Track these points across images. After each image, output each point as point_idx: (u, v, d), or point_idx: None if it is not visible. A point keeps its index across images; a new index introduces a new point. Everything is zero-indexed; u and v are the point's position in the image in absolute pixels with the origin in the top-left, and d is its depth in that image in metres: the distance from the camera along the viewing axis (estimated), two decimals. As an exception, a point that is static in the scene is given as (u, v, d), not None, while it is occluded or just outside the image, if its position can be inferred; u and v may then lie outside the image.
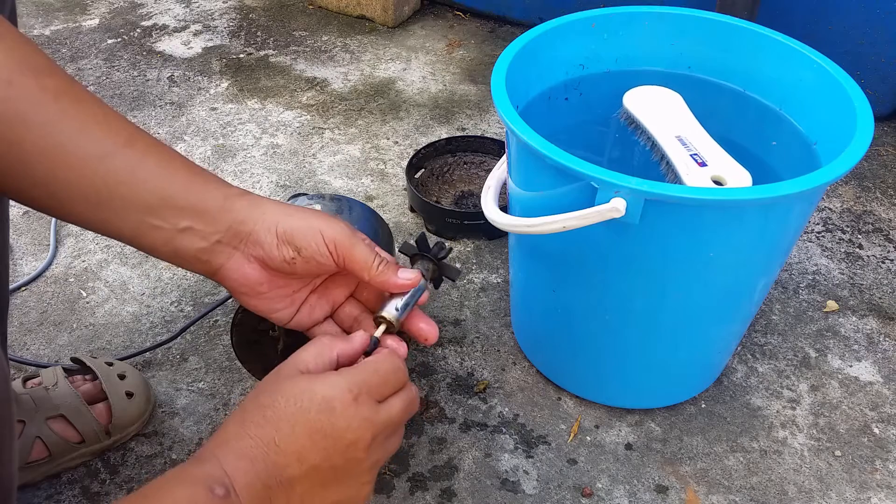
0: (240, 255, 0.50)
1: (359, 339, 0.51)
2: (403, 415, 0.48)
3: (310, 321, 0.55)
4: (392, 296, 0.54)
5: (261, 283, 0.51)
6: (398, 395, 0.48)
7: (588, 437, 0.78)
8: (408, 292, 0.54)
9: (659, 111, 0.72)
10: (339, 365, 0.49)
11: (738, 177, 0.65)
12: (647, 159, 0.71)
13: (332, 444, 0.44)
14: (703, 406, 0.81)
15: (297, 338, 0.71)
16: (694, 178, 0.64)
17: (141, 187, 0.47)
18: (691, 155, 0.66)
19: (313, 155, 1.15)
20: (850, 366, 0.85)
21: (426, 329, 0.55)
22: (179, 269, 0.95)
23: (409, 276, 0.53)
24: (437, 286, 0.59)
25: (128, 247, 0.99)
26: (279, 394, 0.45)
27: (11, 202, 1.04)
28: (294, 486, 0.44)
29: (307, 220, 0.50)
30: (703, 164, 0.66)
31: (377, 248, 0.53)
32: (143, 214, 0.47)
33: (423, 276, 0.55)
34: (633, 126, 0.72)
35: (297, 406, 0.44)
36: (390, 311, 0.54)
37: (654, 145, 0.69)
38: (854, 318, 0.90)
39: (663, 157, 0.68)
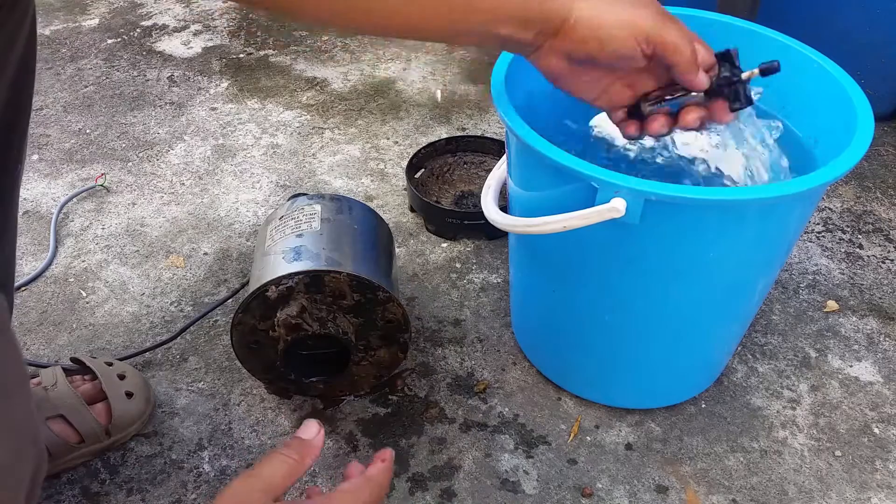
0: (548, 46, 0.54)
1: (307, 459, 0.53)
2: None
3: (609, 105, 0.60)
4: (673, 90, 0.57)
5: (563, 72, 0.56)
6: None
7: (588, 437, 0.77)
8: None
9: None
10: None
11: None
12: (647, 158, 0.71)
13: None
14: (704, 406, 0.81)
15: (298, 338, 0.72)
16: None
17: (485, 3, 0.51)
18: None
19: (313, 155, 1.15)
20: (851, 366, 0.85)
21: (688, 118, 0.58)
22: (179, 269, 0.96)
23: (702, 81, 0.55)
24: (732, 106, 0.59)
25: (127, 246, 0.99)
26: None
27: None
28: None
29: (617, 14, 0.53)
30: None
31: (693, 38, 0.55)
32: (485, 25, 0.52)
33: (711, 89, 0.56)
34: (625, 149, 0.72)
35: None
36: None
37: (672, 156, 0.69)
38: (854, 318, 0.90)
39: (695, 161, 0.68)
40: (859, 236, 1.02)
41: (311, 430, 0.52)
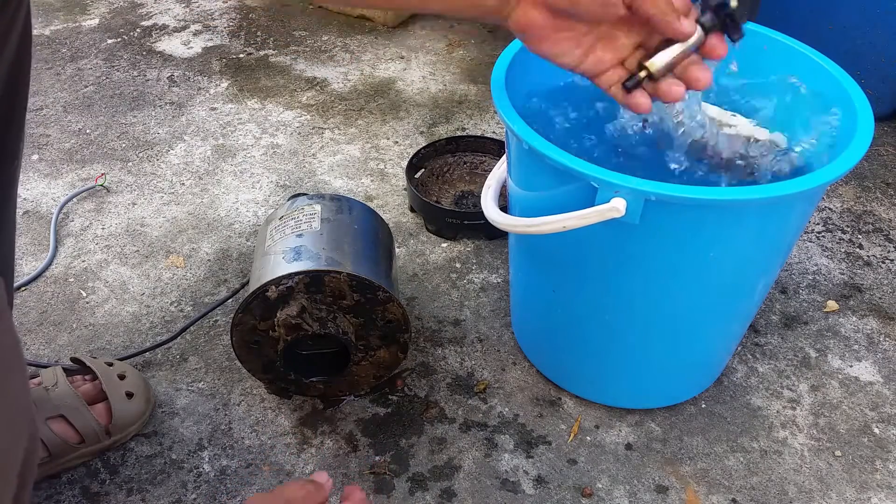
0: (525, 1, 0.54)
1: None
2: None
3: (594, 69, 0.58)
4: (667, 43, 0.55)
5: (544, 28, 0.55)
6: None
7: (588, 437, 0.77)
8: (683, 42, 0.54)
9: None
10: None
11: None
12: (648, 157, 0.71)
13: None
14: (704, 406, 0.81)
15: (298, 338, 0.72)
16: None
17: None
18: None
19: (313, 155, 1.15)
20: (851, 366, 0.85)
21: (699, 75, 0.56)
22: (179, 269, 0.96)
23: (686, 26, 0.53)
24: (732, 37, 0.57)
25: (127, 246, 0.99)
26: None
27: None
28: None
29: None
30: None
31: None
32: None
33: (703, 27, 0.55)
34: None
35: None
36: (656, 59, 0.55)
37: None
38: (854, 318, 0.90)
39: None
40: (859, 236, 1.02)
41: (322, 476, 0.61)
